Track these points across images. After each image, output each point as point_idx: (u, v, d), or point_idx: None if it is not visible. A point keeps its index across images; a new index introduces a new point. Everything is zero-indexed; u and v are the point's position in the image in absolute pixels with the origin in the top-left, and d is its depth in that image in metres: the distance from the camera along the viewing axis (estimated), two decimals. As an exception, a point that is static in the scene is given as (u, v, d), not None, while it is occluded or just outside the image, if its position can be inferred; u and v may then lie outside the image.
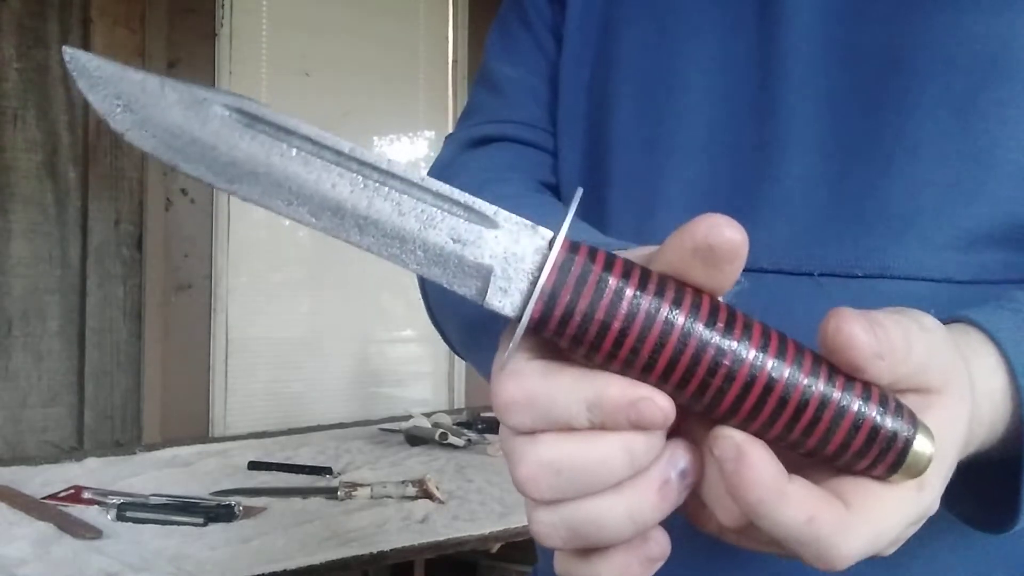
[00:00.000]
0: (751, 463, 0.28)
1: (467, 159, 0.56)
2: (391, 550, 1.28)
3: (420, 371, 2.67)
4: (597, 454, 0.29)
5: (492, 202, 0.30)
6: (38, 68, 1.94)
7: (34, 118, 1.95)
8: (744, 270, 0.43)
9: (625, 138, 0.49)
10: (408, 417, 2.03)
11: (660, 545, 0.31)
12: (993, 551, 0.42)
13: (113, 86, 0.29)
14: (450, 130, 0.63)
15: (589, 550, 0.30)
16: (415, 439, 1.93)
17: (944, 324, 0.33)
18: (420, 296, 0.58)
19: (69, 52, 0.29)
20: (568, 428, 0.29)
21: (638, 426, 0.28)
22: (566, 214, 0.29)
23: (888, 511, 0.29)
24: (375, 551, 1.27)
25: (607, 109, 0.51)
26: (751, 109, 0.45)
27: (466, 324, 0.51)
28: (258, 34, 2.35)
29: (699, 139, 0.47)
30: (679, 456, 0.30)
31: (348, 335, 2.53)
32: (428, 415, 2.07)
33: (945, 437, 0.30)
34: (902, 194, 0.42)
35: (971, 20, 0.42)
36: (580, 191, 0.31)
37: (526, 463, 0.29)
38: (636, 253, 0.33)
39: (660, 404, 0.28)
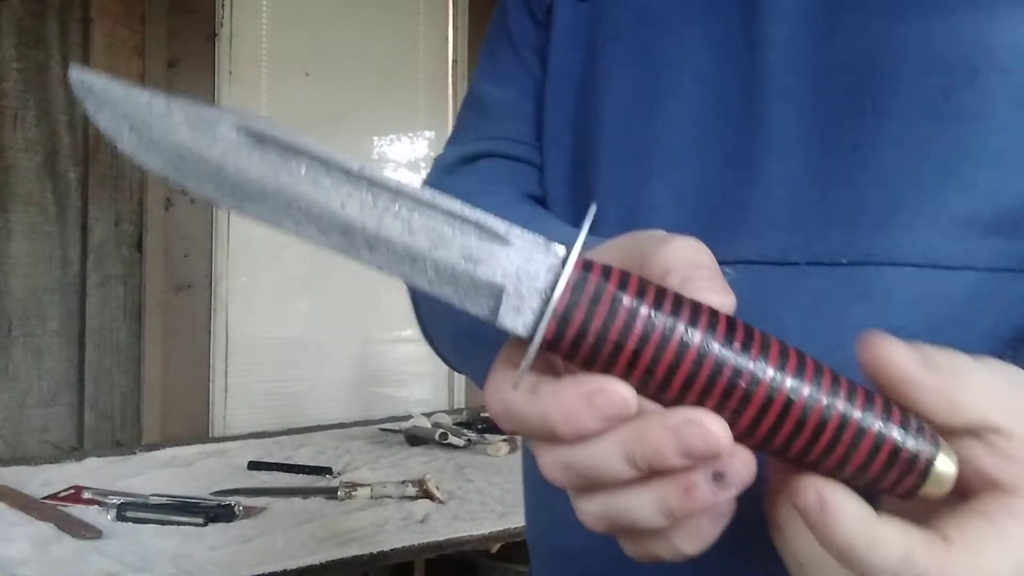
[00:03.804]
0: (837, 509, 0.28)
1: (455, 177, 0.57)
2: (391, 550, 1.28)
3: (420, 371, 2.67)
4: (595, 453, 0.29)
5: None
6: (38, 68, 1.94)
7: (34, 118, 1.94)
8: (732, 261, 0.44)
9: (612, 148, 0.51)
10: (408, 417, 2.03)
11: (684, 544, 0.30)
12: None
13: (119, 107, 0.28)
14: (450, 130, 0.64)
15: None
16: (415, 439, 1.93)
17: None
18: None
19: (75, 73, 0.28)
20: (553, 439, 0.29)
21: (604, 419, 0.28)
22: (579, 232, 0.29)
23: (993, 546, 0.28)
24: (375, 551, 1.27)
25: (594, 121, 0.52)
26: (737, 116, 0.47)
27: (457, 334, 0.51)
28: (258, 34, 2.35)
29: (686, 145, 0.48)
30: (716, 459, 0.28)
31: (348, 335, 2.53)
32: (428, 415, 2.07)
33: None
34: (883, 185, 0.43)
35: (943, 26, 0.43)
36: (594, 207, 0.30)
37: (542, 458, 0.30)
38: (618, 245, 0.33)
39: (616, 391, 0.28)
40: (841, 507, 0.28)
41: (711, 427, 0.27)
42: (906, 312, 0.31)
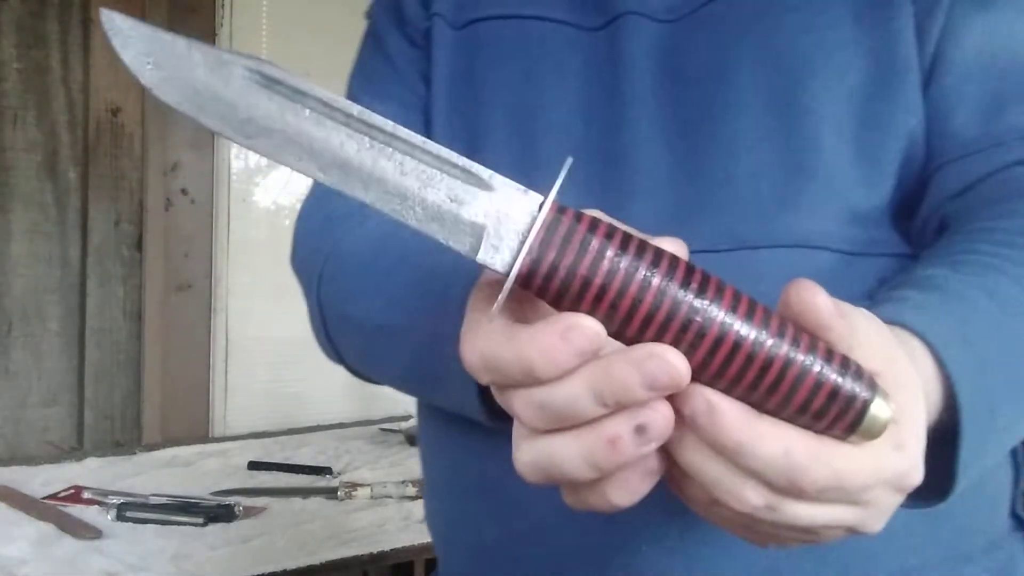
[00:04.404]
0: (723, 410, 0.30)
1: None
2: (391, 550, 1.28)
3: (420, 371, 2.66)
4: (567, 391, 0.31)
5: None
6: (38, 68, 1.94)
7: (34, 118, 1.94)
8: None
9: (499, 159, 0.56)
10: (408, 417, 2.03)
11: (615, 497, 0.32)
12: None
13: (144, 45, 0.31)
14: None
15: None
16: (415, 439, 1.92)
17: None
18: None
19: (105, 13, 0.31)
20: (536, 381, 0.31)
21: (578, 353, 0.30)
22: (556, 180, 0.32)
23: (860, 453, 0.32)
24: (375, 551, 1.27)
25: (481, 137, 0.58)
26: (607, 125, 0.54)
27: (365, 331, 0.55)
28: (258, 34, 2.35)
29: (565, 155, 0.53)
30: (639, 413, 0.31)
31: (348, 335, 2.53)
32: (428, 415, 2.06)
33: (912, 410, 0.33)
34: (746, 178, 0.50)
35: (777, 43, 0.51)
36: (570, 160, 0.33)
37: (516, 402, 0.32)
38: None
39: (588, 326, 0.30)
40: (726, 408, 0.30)
41: (672, 359, 0.30)
42: (780, 288, 0.35)
